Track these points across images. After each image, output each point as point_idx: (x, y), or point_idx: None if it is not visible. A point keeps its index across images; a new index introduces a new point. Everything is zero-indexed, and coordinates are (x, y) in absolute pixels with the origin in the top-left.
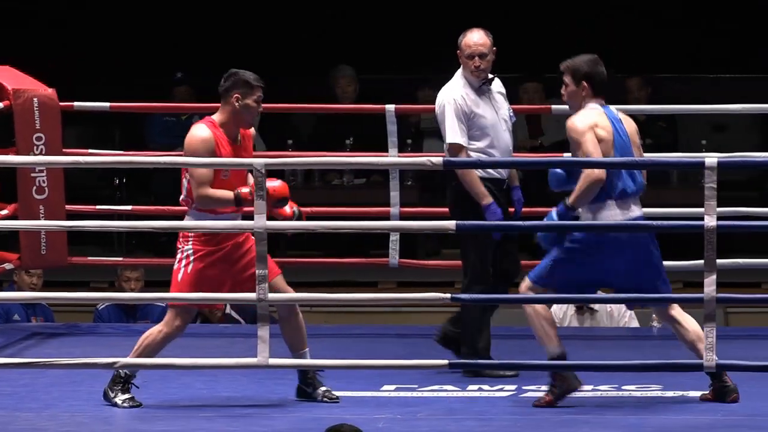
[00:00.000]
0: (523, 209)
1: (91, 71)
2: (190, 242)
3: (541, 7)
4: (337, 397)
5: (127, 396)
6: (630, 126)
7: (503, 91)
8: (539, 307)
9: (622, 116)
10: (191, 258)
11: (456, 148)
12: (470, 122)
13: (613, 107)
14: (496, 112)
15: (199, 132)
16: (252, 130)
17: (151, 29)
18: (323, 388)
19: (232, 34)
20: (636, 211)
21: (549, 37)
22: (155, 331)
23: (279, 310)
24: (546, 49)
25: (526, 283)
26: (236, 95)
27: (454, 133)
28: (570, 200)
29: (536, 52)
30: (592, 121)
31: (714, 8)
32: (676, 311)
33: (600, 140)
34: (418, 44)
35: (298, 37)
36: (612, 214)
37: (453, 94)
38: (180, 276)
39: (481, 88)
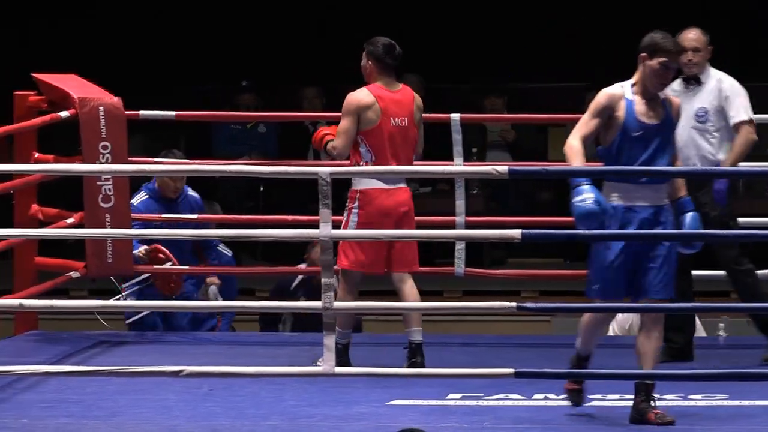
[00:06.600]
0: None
1: (156, 79)
2: (356, 205)
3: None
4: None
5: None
6: None
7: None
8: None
9: None
10: (355, 219)
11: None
12: None
13: None
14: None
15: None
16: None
17: (218, 37)
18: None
19: (300, 43)
20: None
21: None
22: None
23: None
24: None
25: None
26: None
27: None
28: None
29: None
30: None
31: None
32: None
33: None
34: (484, 53)
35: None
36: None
37: None
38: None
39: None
